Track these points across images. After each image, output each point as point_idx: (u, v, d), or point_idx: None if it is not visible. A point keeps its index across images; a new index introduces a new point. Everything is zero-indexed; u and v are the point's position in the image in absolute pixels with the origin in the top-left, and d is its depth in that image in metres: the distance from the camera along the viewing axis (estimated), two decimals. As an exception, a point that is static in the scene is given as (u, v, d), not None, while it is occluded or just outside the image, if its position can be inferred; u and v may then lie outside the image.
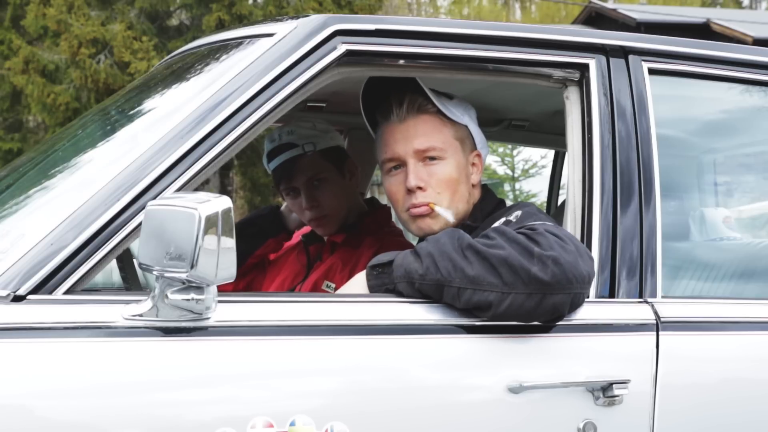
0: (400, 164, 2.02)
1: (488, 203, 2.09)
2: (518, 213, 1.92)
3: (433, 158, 2.00)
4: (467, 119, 2.09)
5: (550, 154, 3.84)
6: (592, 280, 1.80)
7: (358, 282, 1.84)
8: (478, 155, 2.10)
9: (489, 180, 14.88)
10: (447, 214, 2.00)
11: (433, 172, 2.00)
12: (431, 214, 1.99)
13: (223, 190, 14.51)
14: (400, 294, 1.77)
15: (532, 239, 1.71)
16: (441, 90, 2.11)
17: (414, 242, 2.36)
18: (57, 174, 1.88)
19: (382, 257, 1.83)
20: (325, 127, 2.66)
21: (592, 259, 1.78)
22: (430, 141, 2.01)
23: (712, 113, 2.36)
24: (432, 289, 1.73)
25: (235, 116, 1.72)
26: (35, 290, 1.53)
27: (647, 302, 1.92)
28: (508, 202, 2.14)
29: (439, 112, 2.03)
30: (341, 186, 2.62)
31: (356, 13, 12.27)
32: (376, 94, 2.09)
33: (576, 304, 1.75)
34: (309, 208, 2.59)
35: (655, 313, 1.90)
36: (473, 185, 2.08)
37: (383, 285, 1.79)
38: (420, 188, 1.99)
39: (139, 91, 2.19)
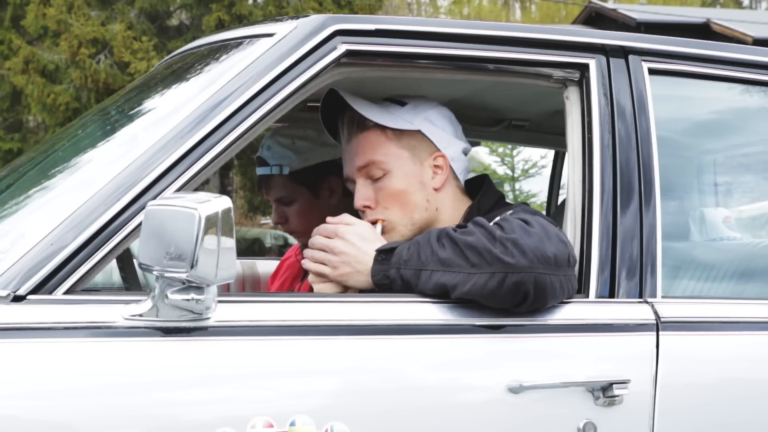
0: (354, 184, 2.04)
1: (486, 201, 2.08)
2: (509, 213, 1.92)
3: (376, 174, 2.00)
4: (420, 122, 2.03)
5: (550, 154, 3.83)
6: (567, 265, 1.78)
7: (365, 261, 1.84)
8: (441, 156, 2.04)
9: (489, 180, 14.84)
10: (400, 228, 2.00)
11: (378, 188, 2.01)
12: (384, 230, 1.99)
13: (223, 190, 14.51)
14: (392, 281, 1.80)
15: (498, 225, 1.77)
16: (418, 95, 2.10)
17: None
18: (57, 174, 1.88)
19: (390, 244, 1.86)
20: (303, 146, 2.59)
21: (564, 243, 1.77)
22: (368, 156, 2.00)
23: (712, 113, 2.35)
24: (411, 273, 1.78)
25: (235, 116, 1.72)
26: (35, 290, 1.53)
27: (647, 302, 1.92)
28: (508, 201, 2.13)
29: (378, 125, 2.00)
30: (311, 206, 2.59)
31: (356, 13, 12.27)
32: (332, 118, 2.09)
33: (543, 285, 1.72)
34: (277, 222, 2.63)
35: (655, 313, 1.90)
36: (436, 189, 2.04)
37: (382, 271, 1.82)
38: (367, 206, 2.01)
39: (139, 91, 2.19)
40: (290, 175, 2.56)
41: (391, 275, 1.81)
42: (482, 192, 2.10)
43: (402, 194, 2.00)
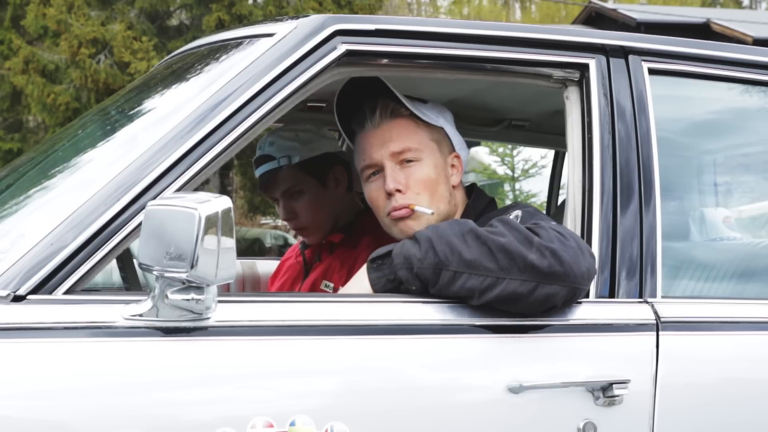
0: (378, 170, 2.03)
1: (480, 201, 2.11)
2: (518, 213, 1.93)
3: (409, 160, 2.01)
4: (443, 121, 2.09)
5: (550, 154, 3.84)
6: (593, 278, 1.80)
7: (361, 278, 1.84)
8: (457, 157, 2.10)
9: (489, 180, 14.88)
10: (428, 213, 1.99)
11: (410, 174, 2.01)
12: (412, 215, 2.00)
13: (223, 190, 14.51)
14: (400, 282, 1.78)
15: (533, 231, 1.74)
16: (417, 95, 2.11)
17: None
18: (57, 174, 1.88)
19: (381, 250, 1.84)
20: (308, 137, 2.62)
21: (593, 256, 1.79)
22: (405, 143, 2.01)
23: (712, 113, 2.35)
24: (430, 272, 1.74)
25: (235, 116, 1.72)
26: (35, 290, 1.53)
27: (647, 302, 1.92)
28: (507, 202, 2.14)
29: (413, 115, 2.03)
30: (320, 197, 2.60)
31: (356, 13, 12.27)
32: (349, 104, 2.09)
33: (570, 297, 1.75)
34: (286, 219, 2.62)
35: (655, 313, 1.90)
36: (454, 186, 2.08)
37: (384, 276, 1.80)
38: (398, 191, 2.00)
39: (139, 91, 2.19)
40: (298, 165, 2.57)
41: (401, 276, 1.77)
42: (474, 195, 2.13)
43: (432, 183, 2.02)
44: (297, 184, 2.58)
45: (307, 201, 2.58)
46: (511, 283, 1.70)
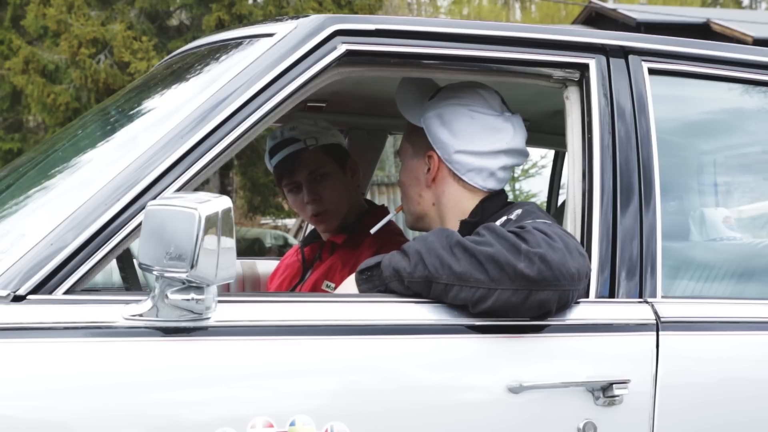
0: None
1: (494, 203, 2.05)
2: (518, 212, 1.93)
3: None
4: (430, 117, 2.05)
5: (550, 154, 3.84)
6: (585, 277, 1.80)
7: (350, 288, 1.84)
8: (432, 154, 2.05)
9: (489, 180, 14.83)
10: (407, 215, 2.15)
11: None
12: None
13: (223, 190, 14.51)
14: (392, 293, 1.78)
15: (520, 237, 1.73)
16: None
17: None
18: (57, 174, 1.88)
19: (369, 261, 1.84)
20: (326, 125, 2.68)
21: (583, 255, 1.78)
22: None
23: (712, 113, 2.35)
24: (421, 285, 1.75)
25: (235, 116, 1.72)
26: (35, 290, 1.53)
27: (647, 302, 1.92)
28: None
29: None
30: (342, 182, 2.63)
31: (356, 13, 12.26)
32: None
33: (564, 300, 1.75)
34: (310, 202, 2.61)
35: (655, 313, 1.90)
36: (429, 186, 2.06)
37: (374, 288, 1.80)
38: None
39: (139, 91, 2.19)
40: (323, 148, 2.61)
41: (393, 288, 1.77)
42: (490, 194, 2.06)
43: (402, 186, 2.12)
44: (323, 166, 2.61)
45: (331, 184, 2.61)
46: (504, 293, 1.69)
